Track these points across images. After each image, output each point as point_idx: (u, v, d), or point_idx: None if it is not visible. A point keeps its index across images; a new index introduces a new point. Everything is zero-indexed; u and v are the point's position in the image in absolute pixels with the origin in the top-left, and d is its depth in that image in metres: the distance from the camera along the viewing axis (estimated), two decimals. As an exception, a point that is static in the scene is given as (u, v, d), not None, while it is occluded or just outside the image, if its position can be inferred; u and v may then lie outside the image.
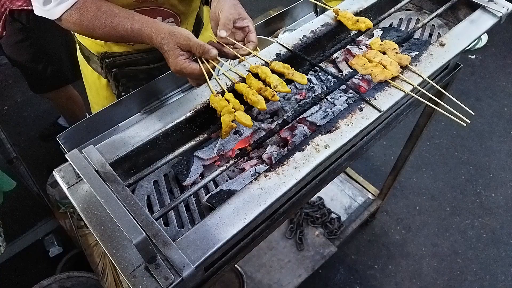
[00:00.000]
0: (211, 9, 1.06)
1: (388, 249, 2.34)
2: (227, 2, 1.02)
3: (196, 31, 1.44)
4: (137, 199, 0.90)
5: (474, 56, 3.42)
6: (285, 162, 0.86)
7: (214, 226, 0.76)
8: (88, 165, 0.77)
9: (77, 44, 1.43)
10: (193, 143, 0.91)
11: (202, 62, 0.95)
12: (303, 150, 0.88)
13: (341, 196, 2.25)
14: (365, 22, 1.05)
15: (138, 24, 0.97)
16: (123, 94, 1.13)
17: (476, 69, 3.33)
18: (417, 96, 0.99)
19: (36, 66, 2.13)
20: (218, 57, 0.97)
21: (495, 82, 3.24)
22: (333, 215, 2.15)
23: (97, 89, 1.46)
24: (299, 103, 1.08)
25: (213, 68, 0.97)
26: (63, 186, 0.83)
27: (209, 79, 0.96)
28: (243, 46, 1.01)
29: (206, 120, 0.99)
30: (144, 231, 0.73)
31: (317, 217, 2.11)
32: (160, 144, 0.93)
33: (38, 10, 1.02)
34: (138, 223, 0.73)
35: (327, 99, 1.08)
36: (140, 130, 0.91)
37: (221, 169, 0.85)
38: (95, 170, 0.82)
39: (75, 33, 1.39)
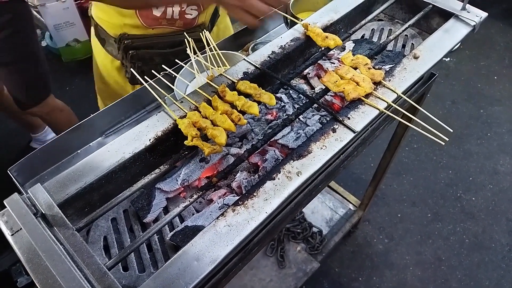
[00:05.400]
0: None
1: (371, 259, 2.29)
2: None
3: (212, 22, 1.48)
4: (93, 241, 0.82)
5: (449, 59, 3.44)
6: (254, 194, 0.79)
7: (175, 273, 0.68)
8: (29, 212, 0.68)
9: (92, 27, 1.45)
10: (153, 175, 0.83)
11: None
12: (274, 179, 0.82)
13: (322, 209, 2.19)
14: (334, 40, 0.99)
15: None
16: (136, 78, 1.11)
17: (451, 72, 3.36)
18: (392, 114, 0.94)
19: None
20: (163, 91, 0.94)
21: (470, 84, 3.26)
22: (314, 229, 2.09)
23: (108, 74, 1.48)
24: (270, 125, 1.02)
25: None
26: (6, 233, 0.74)
27: None
28: None
29: (168, 148, 0.91)
30: (94, 285, 0.65)
31: (298, 232, 2.05)
32: (118, 177, 0.84)
33: None
34: (87, 276, 0.65)
35: (299, 118, 1.01)
36: (93, 163, 0.83)
37: (184, 205, 0.78)
38: (42, 213, 0.73)
39: (92, 16, 1.41)
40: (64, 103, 2.32)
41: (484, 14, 1.18)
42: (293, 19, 1.14)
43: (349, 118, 0.91)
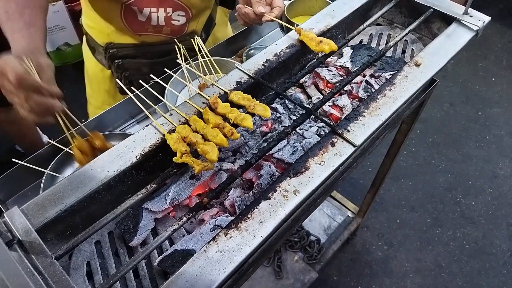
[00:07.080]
0: None
1: (371, 267, 2.24)
2: None
3: (207, 31, 1.43)
4: (75, 267, 0.76)
5: (446, 61, 3.40)
6: (248, 215, 0.74)
7: (162, 307, 0.62)
8: (1, 243, 0.62)
9: (84, 36, 1.41)
10: (140, 195, 0.77)
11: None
12: (270, 198, 0.76)
13: (320, 216, 2.14)
14: (329, 44, 0.94)
15: (27, 31, 0.89)
16: (126, 87, 1.06)
17: (448, 74, 3.32)
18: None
19: None
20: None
21: (467, 86, 3.22)
22: (312, 238, 2.04)
23: (98, 82, 1.45)
24: (264, 138, 0.96)
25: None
26: (-22, 263, 0.68)
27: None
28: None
29: (156, 164, 0.85)
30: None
31: (295, 241, 2.00)
32: (102, 197, 0.78)
33: None
34: (65, 313, 0.59)
35: (295, 130, 0.96)
36: (75, 183, 0.77)
37: (172, 228, 0.72)
38: (19, 239, 0.67)
39: (83, 24, 1.37)
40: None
41: (487, 18, 1.13)
42: (287, 25, 1.09)
43: (348, 131, 0.86)
